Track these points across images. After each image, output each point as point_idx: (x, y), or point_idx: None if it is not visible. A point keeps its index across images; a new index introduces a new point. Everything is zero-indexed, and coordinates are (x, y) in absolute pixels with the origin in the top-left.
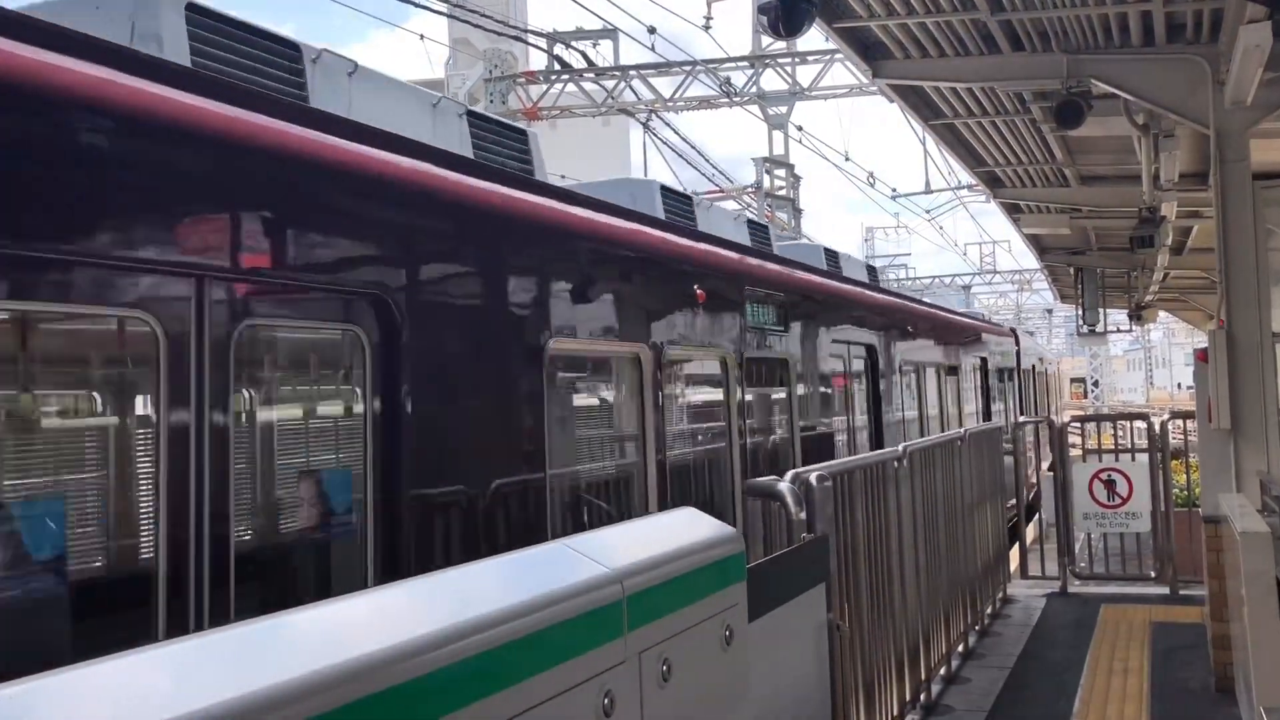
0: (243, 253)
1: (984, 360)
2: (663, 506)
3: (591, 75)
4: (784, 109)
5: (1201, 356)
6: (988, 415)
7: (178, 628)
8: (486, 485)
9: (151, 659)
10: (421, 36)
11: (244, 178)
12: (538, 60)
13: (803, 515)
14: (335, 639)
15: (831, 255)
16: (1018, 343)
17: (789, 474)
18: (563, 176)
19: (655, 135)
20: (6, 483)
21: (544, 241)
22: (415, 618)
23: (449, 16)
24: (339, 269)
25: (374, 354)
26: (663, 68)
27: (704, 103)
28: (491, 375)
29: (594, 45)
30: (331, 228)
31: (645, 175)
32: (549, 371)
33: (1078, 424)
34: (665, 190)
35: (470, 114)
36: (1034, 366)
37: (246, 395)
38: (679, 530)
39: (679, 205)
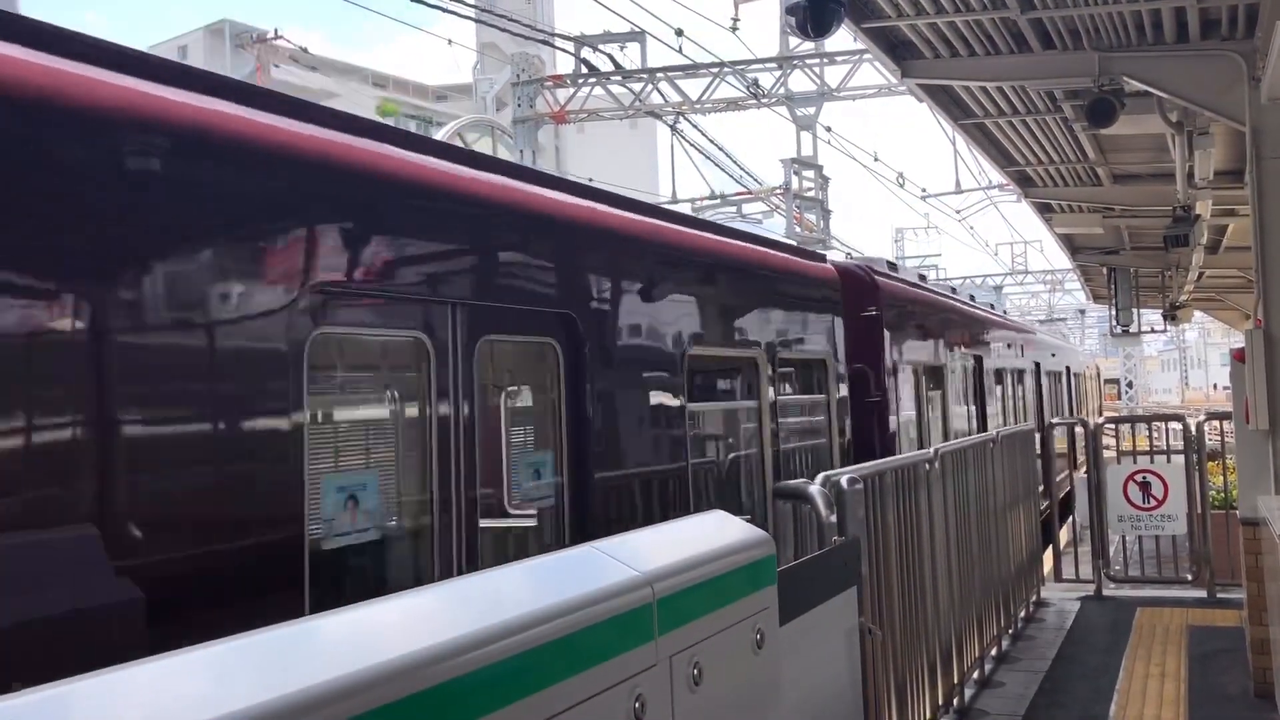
0: (485, 286)
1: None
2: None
3: (619, 78)
4: (812, 110)
5: (1239, 356)
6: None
7: (445, 567)
8: (646, 462)
9: (187, 662)
10: (449, 41)
11: (494, 237)
12: (565, 64)
13: (833, 518)
14: (370, 642)
15: (892, 265)
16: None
17: (819, 476)
18: (590, 179)
19: (683, 137)
20: (346, 460)
21: (687, 267)
22: (449, 621)
23: (476, 21)
24: (543, 295)
25: (564, 361)
26: (690, 70)
27: (731, 104)
28: (647, 376)
29: (621, 48)
30: (540, 266)
31: (673, 178)
32: (689, 373)
33: (1112, 425)
34: None
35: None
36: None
37: (484, 392)
38: (709, 533)
39: None
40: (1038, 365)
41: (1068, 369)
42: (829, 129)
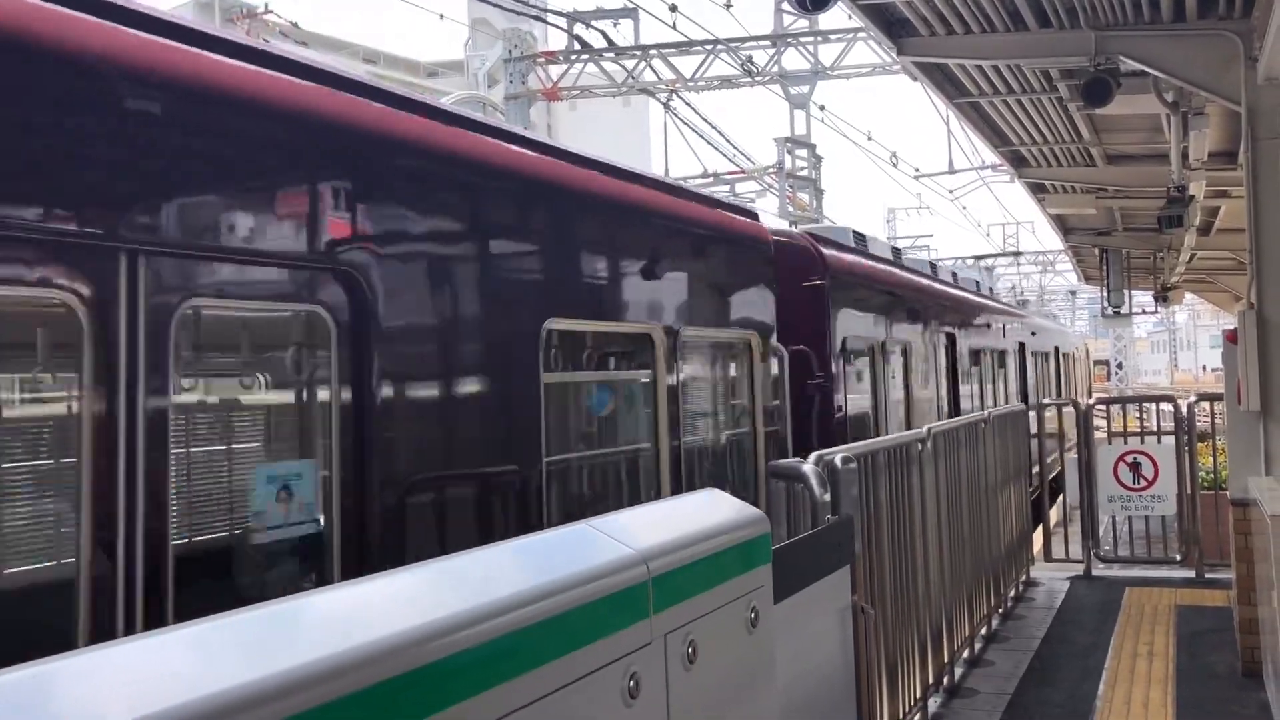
0: (189, 226)
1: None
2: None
3: (612, 55)
4: (806, 88)
5: (1231, 337)
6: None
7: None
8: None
9: (172, 640)
10: (440, 16)
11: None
12: (557, 40)
13: (827, 497)
14: (360, 621)
15: (860, 238)
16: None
17: (812, 455)
18: None
19: (676, 115)
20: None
21: (553, 211)
22: (440, 600)
23: None
24: (300, 244)
25: (339, 338)
26: (684, 47)
27: (725, 82)
28: (474, 359)
29: (614, 24)
30: (291, 198)
31: (665, 156)
32: (549, 354)
33: (1103, 406)
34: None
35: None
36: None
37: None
38: (704, 511)
39: None
40: (1022, 346)
41: (1056, 349)
42: (823, 108)
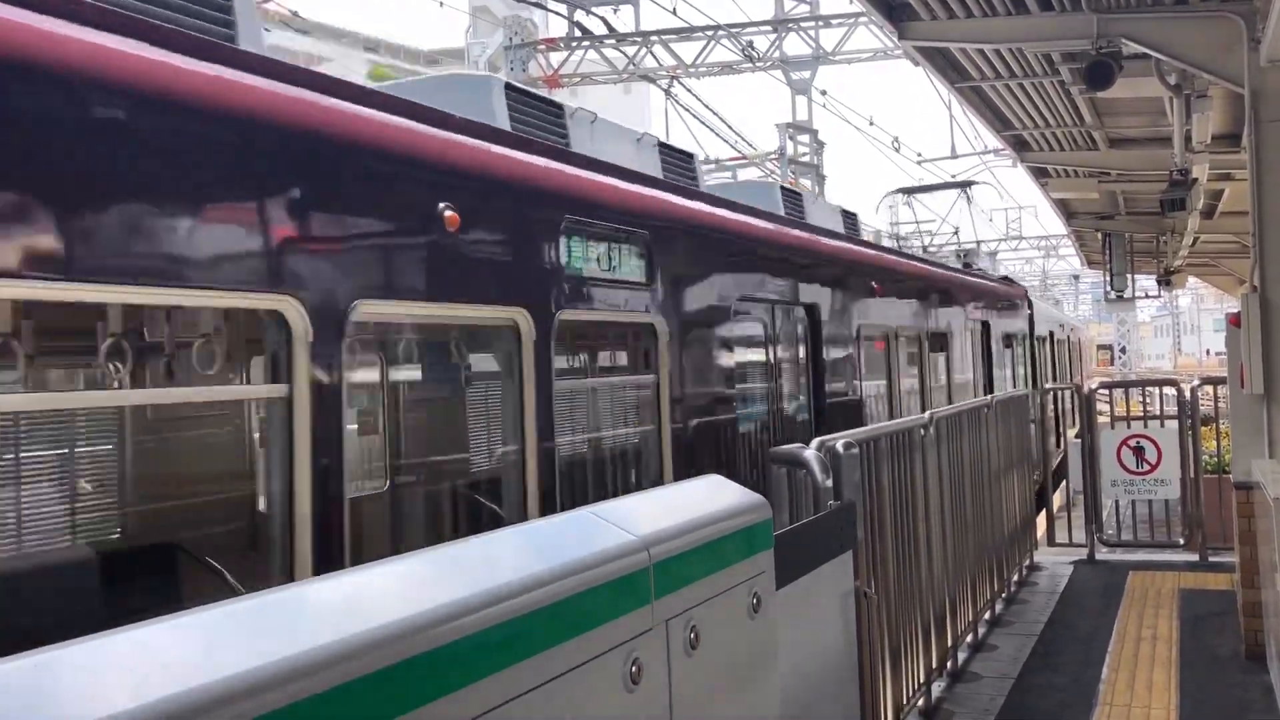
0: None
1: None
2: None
3: (613, 41)
4: (807, 73)
5: (1234, 321)
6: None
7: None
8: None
9: (174, 627)
10: (440, 3)
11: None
12: (558, 27)
13: (829, 483)
14: (366, 607)
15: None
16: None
17: (815, 441)
18: None
19: (677, 102)
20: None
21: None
22: (443, 586)
23: None
24: (799, 295)
25: (810, 333)
26: (685, 33)
27: (726, 68)
28: (848, 343)
29: (615, 10)
30: (796, 277)
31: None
32: (862, 342)
33: (1105, 390)
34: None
35: (661, 145)
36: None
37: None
38: (705, 497)
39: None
40: (985, 326)
41: (1051, 335)
42: (824, 93)
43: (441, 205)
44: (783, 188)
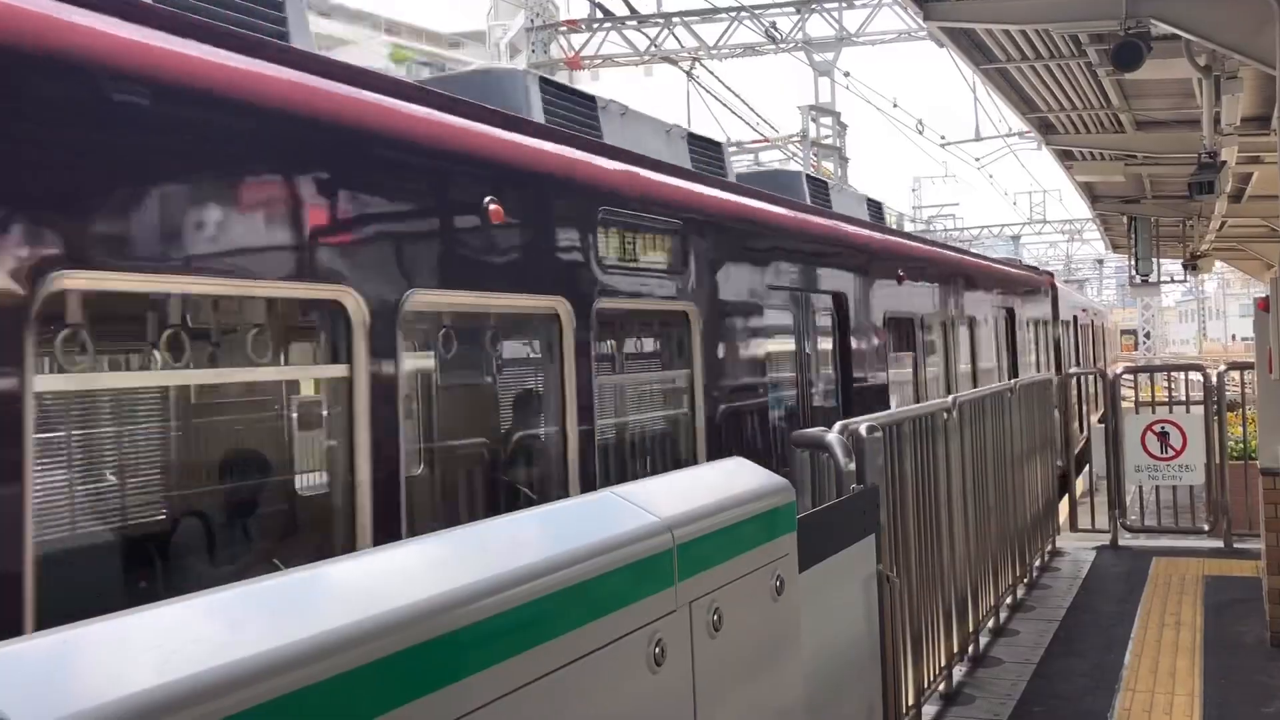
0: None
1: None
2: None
3: (634, 23)
4: (831, 55)
5: (1262, 305)
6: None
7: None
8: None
9: (196, 607)
10: None
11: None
12: (579, 8)
13: (852, 466)
14: (390, 587)
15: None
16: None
17: (837, 425)
18: None
19: (699, 84)
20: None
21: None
22: (467, 566)
23: None
24: (828, 284)
25: (838, 319)
26: (707, 14)
27: (749, 49)
28: (874, 330)
29: None
30: (827, 268)
31: (688, 125)
32: (888, 329)
33: (1130, 375)
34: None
35: (690, 135)
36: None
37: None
38: (729, 480)
39: None
40: (1010, 312)
41: (1075, 319)
42: (847, 74)
43: (487, 199)
44: (808, 176)
